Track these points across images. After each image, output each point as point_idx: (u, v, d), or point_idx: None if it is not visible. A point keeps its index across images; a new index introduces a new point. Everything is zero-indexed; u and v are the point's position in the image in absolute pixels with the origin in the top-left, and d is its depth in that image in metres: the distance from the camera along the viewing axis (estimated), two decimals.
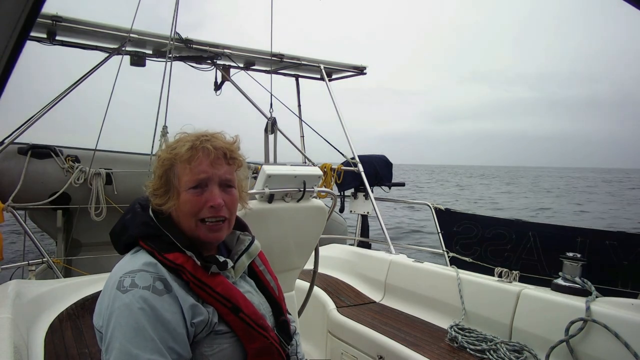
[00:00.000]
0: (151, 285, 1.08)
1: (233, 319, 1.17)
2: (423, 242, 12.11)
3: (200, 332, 1.13)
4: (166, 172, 1.21)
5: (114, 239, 1.26)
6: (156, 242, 1.17)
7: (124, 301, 1.05)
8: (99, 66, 4.11)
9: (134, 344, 1.01)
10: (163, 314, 1.06)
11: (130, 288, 1.06)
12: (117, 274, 1.11)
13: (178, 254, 1.16)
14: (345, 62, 5.58)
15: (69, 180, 4.44)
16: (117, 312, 1.04)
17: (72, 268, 4.47)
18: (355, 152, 5.06)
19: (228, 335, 1.17)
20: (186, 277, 1.14)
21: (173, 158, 1.20)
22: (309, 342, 3.06)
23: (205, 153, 1.19)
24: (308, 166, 2.35)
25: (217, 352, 1.15)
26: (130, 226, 1.21)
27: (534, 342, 2.33)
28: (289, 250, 2.18)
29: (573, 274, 2.45)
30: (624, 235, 3.90)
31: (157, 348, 1.03)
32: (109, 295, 1.08)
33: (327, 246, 4.11)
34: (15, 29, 0.80)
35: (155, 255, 1.15)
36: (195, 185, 1.18)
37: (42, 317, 2.37)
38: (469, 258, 4.14)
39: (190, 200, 1.18)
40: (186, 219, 1.20)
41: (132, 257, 1.17)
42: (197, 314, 1.12)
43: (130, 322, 1.03)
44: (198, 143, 1.20)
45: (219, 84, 5.12)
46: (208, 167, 1.19)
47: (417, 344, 2.43)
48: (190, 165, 1.18)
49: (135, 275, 1.09)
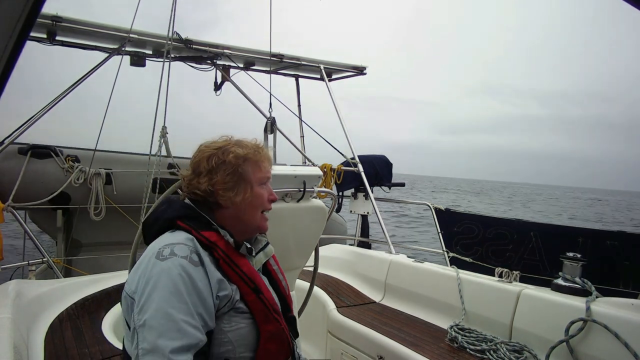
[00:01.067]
0: (188, 256, 1.18)
1: (253, 300, 1.27)
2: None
3: (223, 307, 1.22)
4: (239, 167, 1.34)
5: (146, 229, 1.35)
6: (193, 222, 1.28)
7: (163, 267, 1.14)
8: (99, 66, 4.11)
9: (170, 304, 1.10)
10: (197, 282, 1.15)
11: (170, 256, 1.17)
12: (156, 247, 1.21)
13: (213, 232, 1.28)
14: (345, 62, 5.58)
15: (69, 180, 4.44)
16: (155, 276, 1.13)
17: (72, 268, 4.47)
18: (355, 152, 5.05)
19: (246, 316, 1.26)
20: (217, 254, 1.25)
21: (246, 156, 1.35)
22: (309, 342, 3.06)
23: (266, 157, 1.41)
24: (308, 166, 2.35)
25: (235, 330, 1.24)
26: (167, 212, 1.32)
27: (534, 342, 2.33)
28: (289, 250, 2.18)
29: (573, 274, 2.45)
30: (625, 235, 3.91)
31: (190, 311, 1.12)
32: (147, 264, 1.17)
33: (327, 246, 4.11)
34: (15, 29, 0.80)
35: (192, 232, 1.26)
36: (265, 182, 1.39)
37: (42, 317, 2.36)
38: (469, 258, 4.15)
39: (263, 194, 1.37)
40: (254, 209, 1.36)
41: (171, 235, 1.26)
42: (222, 288, 1.22)
43: (168, 285, 1.12)
44: (259, 148, 1.40)
45: (219, 84, 5.12)
46: (269, 168, 1.42)
47: (417, 344, 2.43)
48: (262, 165, 1.38)
49: (175, 246, 1.20)
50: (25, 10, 0.76)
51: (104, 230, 4.87)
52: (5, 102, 1.21)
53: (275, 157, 5.60)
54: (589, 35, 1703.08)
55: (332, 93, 5.29)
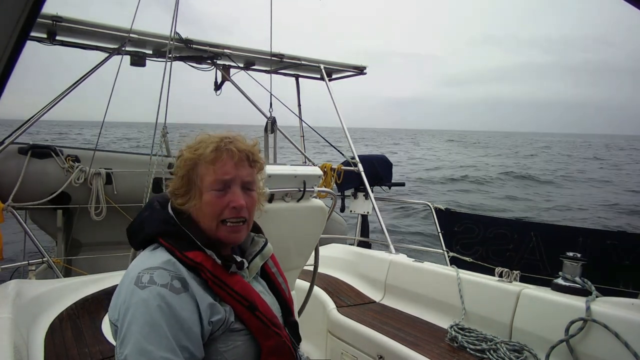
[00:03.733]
0: (169, 284, 1.09)
1: (249, 317, 1.19)
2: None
3: (217, 330, 1.15)
4: (189, 172, 1.22)
5: (131, 235, 1.27)
6: (176, 240, 1.18)
7: (141, 297, 1.06)
8: (99, 66, 4.11)
9: (149, 340, 1.02)
10: (179, 312, 1.07)
11: (149, 285, 1.07)
12: (135, 270, 1.12)
13: (198, 252, 1.17)
14: (346, 62, 5.59)
15: (69, 180, 4.44)
16: (133, 307, 1.06)
17: (72, 268, 4.47)
18: (355, 152, 5.06)
19: (242, 333, 1.19)
20: (205, 275, 1.16)
21: (197, 158, 1.21)
22: (309, 342, 3.06)
23: (229, 155, 1.21)
24: (308, 166, 2.35)
25: (232, 349, 1.17)
26: (149, 223, 1.22)
27: (534, 342, 2.33)
28: (289, 250, 2.18)
29: (573, 274, 2.45)
30: (625, 235, 3.91)
31: (171, 346, 1.04)
32: (127, 290, 1.09)
33: (327, 246, 4.11)
34: (15, 29, 0.80)
35: (175, 253, 1.16)
36: (219, 186, 1.20)
37: (42, 317, 2.37)
38: (469, 258, 4.15)
39: (213, 201, 1.19)
40: (207, 219, 1.20)
41: (151, 254, 1.17)
42: (215, 312, 1.14)
43: (147, 318, 1.04)
44: (222, 145, 1.21)
45: (219, 84, 5.12)
46: (232, 168, 1.21)
47: (417, 344, 2.43)
48: (214, 167, 1.20)
49: (154, 272, 1.10)
50: (25, 10, 0.76)
51: (104, 230, 4.88)
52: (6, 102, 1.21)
53: (276, 157, 5.60)
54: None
55: (332, 93, 5.30)
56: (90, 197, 4.59)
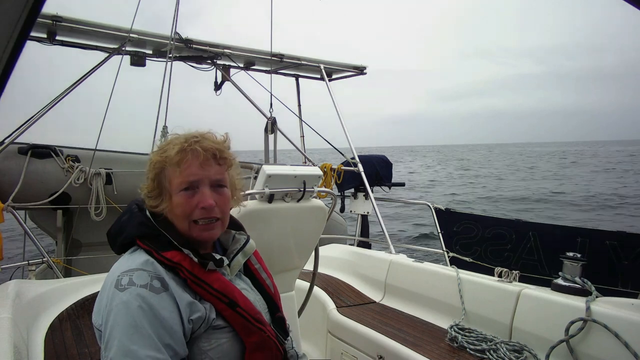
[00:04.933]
0: (148, 284, 1.10)
1: (230, 314, 1.19)
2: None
3: (199, 329, 1.15)
4: (157, 175, 1.24)
5: (111, 239, 1.28)
6: (153, 242, 1.19)
7: (122, 299, 1.07)
8: (99, 66, 4.11)
9: (132, 341, 1.03)
10: (160, 311, 1.08)
11: (128, 286, 1.08)
12: (115, 273, 1.13)
13: (175, 252, 1.18)
14: (345, 62, 5.59)
15: (69, 180, 4.44)
16: (115, 310, 1.06)
17: (72, 268, 4.47)
18: (355, 152, 5.06)
19: (225, 330, 1.19)
20: (183, 274, 1.16)
21: (163, 161, 1.22)
22: (309, 342, 3.06)
23: (194, 155, 1.20)
24: (308, 166, 2.35)
25: (215, 347, 1.17)
26: (128, 226, 1.24)
27: (534, 342, 2.33)
28: (289, 250, 2.18)
29: (573, 274, 2.45)
30: (624, 235, 3.91)
31: (155, 344, 1.05)
32: (108, 294, 1.10)
33: (327, 246, 4.11)
34: (15, 29, 0.80)
35: (152, 254, 1.17)
36: (186, 187, 1.20)
37: (42, 317, 2.36)
38: (469, 258, 4.14)
39: (182, 203, 1.20)
40: (179, 220, 1.21)
41: (130, 257, 1.18)
42: (194, 311, 1.14)
43: (129, 320, 1.05)
44: (187, 145, 1.21)
45: (219, 84, 5.12)
46: (198, 169, 1.20)
47: (417, 344, 2.43)
48: (180, 168, 1.20)
49: (133, 273, 1.11)
50: (25, 10, 0.76)
51: (104, 230, 4.82)
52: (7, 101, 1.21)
53: (276, 157, 5.60)
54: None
55: (333, 93, 5.30)
56: (90, 197, 4.58)
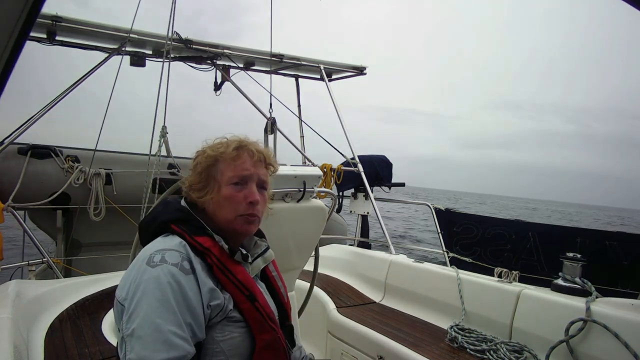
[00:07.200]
0: (179, 264, 1.15)
1: (248, 307, 1.23)
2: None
3: (215, 317, 1.18)
4: (209, 167, 1.30)
5: (143, 230, 1.33)
6: (187, 226, 1.25)
7: (152, 274, 1.11)
8: (99, 66, 4.11)
9: (158, 314, 1.07)
10: (187, 291, 1.12)
11: (160, 263, 1.13)
12: (148, 251, 1.18)
13: (207, 238, 1.24)
14: (345, 62, 5.58)
15: (69, 180, 4.43)
16: (144, 283, 1.10)
17: (72, 268, 4.46)
18: (355, 152, 5.05)
19: (240, 325, 1.22)
20: (211, 260, 1.21)
21: (218, 155, 1.30)
22: (309, 342, 3.06)
23: (249, 154, 1.32)
24: (308, 166, 2.35)
25: (227, 339, 1.20)
26: (163, 213, 1.30)
27: (534, 342, 2.33)
28: (289, 251, 2.18)
29: (573, 274, 2.45)
30: (624, 235, 3.91)
31: (178, 322, 1.08)
32: (138, 269, 1.14)
33: (327, 246, 4.11)
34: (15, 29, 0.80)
35: (185, 237, 1.22)
36: (237, 181, 1.29)
37: (42, 317, 2.36)
38: (469, 258, 4.14)
39: (231, 195, 1.27)
40: (225, 211, 1.28)
41: (163, 239, 1.23)
42: (214, 297, 1.18)
43: (157, 294, 1.09)
44: (244, 145, 1.33)
45: (218, 84, 5.12)
46: (251, 166, 1.31)
47: (417, 344, 2.43)
48: (235, 163, 1.29)
49: (166, 252, 1.16)
50: (25, 10, 0.76)
51: (104, 230, 4.87)
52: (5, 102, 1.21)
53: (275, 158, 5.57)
54: (609, 50, 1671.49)
55: (332, 93, 5.29)
56: (90, 197, 4.57)
